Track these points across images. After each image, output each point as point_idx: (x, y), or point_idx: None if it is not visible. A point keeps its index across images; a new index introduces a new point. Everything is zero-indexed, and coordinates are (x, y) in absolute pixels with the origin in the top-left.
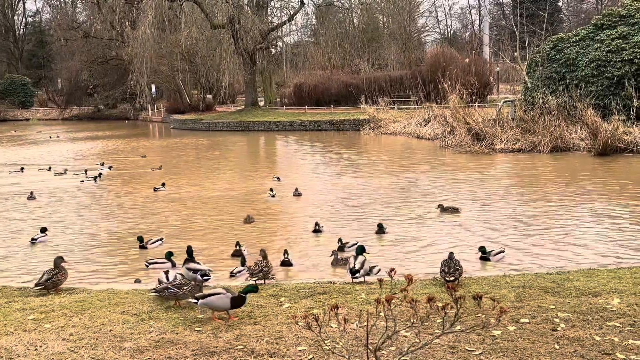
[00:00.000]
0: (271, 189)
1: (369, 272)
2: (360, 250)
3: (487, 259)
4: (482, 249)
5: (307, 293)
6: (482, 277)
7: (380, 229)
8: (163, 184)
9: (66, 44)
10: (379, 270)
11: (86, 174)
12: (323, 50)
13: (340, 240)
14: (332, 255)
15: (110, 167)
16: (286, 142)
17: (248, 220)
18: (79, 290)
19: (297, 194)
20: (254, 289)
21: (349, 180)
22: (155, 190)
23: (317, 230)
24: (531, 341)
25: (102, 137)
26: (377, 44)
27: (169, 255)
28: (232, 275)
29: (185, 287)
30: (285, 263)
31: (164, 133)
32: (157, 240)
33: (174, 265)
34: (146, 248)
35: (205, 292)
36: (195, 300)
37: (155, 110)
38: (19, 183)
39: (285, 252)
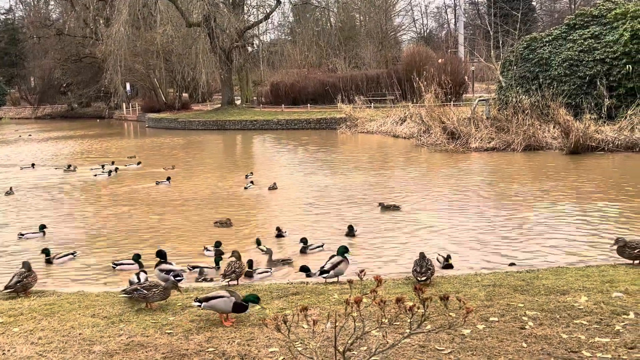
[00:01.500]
0: (252, 182)
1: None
2: (344, 250)
3: (450, 267)
4: (448, 257)
5: (280, 294)
6: (453, 276)
7: (351, 231)
8: (168, 178)
9: (39, 41)
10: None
11: (103, 169)
12: (300, 48)
13: (304, 240)
14: (265, 253)
15: (139, 163)
16: (263, 141)
17: (223, 223)
18: (49, 293)
19: (273, 187)
20: (255, 299)
21: (323, 179)
22: (157, 184)
23: (279, 235)
24: (500, 339)
25: (75, 137)
26: (353, 42)
27: (136, 258)
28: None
29: (155, 289)
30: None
31: (139, 132)
32: (67, 255)
33: (141, 266)
34: (52, 263)
35: (209, 294)
36: (199, 303)
37: (130, 109)
38: (16, 178)
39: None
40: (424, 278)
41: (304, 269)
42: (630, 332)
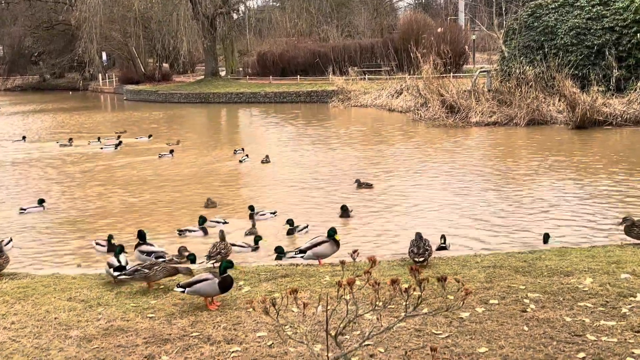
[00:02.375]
0: (247, 155)
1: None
2: (333, 232)
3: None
4: (443, 237)
5: (268, 276)
6: (452, 257)
7: (345, 212)
8: (171, 151)
9: (7, 7)
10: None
11: (99, 141)
12: (289, 15)
13: (290, 222)
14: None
15: (149, 136)
16: (249, 115)
17: (209, 204)
18: (22, 276)
19: (266, 161)
20: (229, 264)
21: (314, 155)
22: (159, 157)
23: (252, 216)
24: (500, 323)
25: (47, 110)
26: (346, 9)
27: (109, 239)
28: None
29: (156, 267)
30: None
31: (116, 105)
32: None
33: (111, 247)
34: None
35: (192, 278)
36: (182, 289)
37: (107, 80)
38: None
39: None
40: (421, 259)
41: (278, 250)
42: (637, 314)
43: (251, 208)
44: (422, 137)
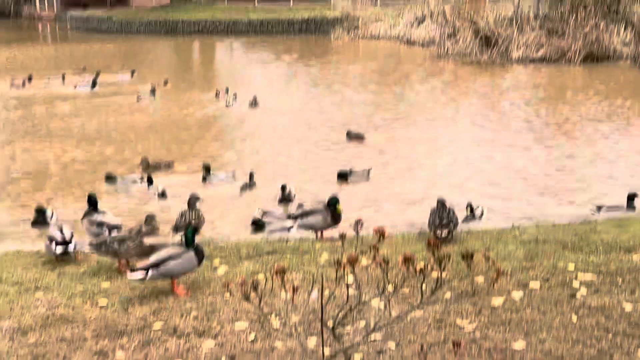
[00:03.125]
0: (235, 94)
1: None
2: (335, 201)
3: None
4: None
5: (250, 253)
6: (483, 230)
7: (343, 176)
8: (153, 91)
9: None
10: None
11: (63, 80)
12: None
13: (283, 187)
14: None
15: (132, 72)
16: (229, 50)
17: (144, 165)
18: None
19: (253, 103)
20: (195, 230)
21: (310, 101)
22: (138, 100)
23: (205, 178)
24: (541, 311)
25: None
26: None
27: (39, 211)
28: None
29: (129, 242)
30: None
31: (58, 36)
32: None
33: (40, 219)
34: None
35: (155, 257)
36: (144, 273)
37: (46, 4)
38: None
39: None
40: (445, 232)
41: (256, 221)
42: None
43: (206, 168)
44: (449, 76)
